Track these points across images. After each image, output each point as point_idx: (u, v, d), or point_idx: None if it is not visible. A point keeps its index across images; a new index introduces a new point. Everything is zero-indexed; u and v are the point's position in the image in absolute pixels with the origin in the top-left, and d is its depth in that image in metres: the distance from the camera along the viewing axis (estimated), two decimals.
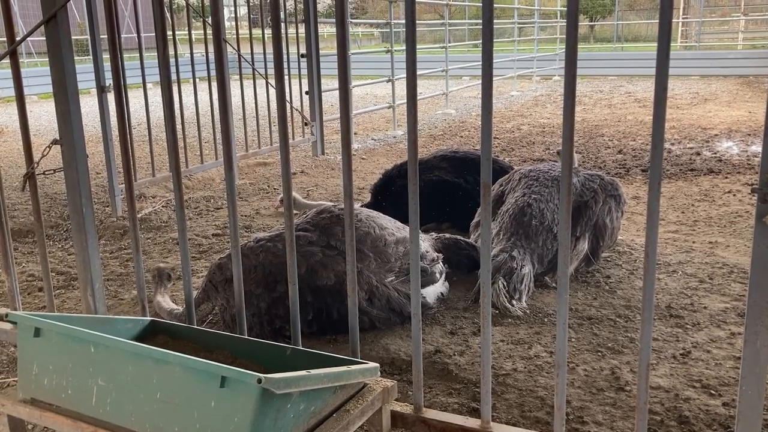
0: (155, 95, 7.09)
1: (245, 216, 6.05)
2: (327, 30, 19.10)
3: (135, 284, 4.03)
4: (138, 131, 9.09)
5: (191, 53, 6.98)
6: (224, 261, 3.54)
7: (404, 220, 4.02)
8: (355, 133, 10.34)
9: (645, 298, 2.00)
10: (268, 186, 7.32)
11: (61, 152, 2.84)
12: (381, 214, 3.88)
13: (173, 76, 6.69)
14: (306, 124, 8.62)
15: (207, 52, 7.24)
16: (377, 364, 2.26)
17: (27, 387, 2.19)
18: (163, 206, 6.30)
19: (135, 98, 7.37)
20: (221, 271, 3.51)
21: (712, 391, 2.90)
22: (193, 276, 4.55)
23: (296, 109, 8.37)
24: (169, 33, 6.65)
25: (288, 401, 1.90)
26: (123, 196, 6.08)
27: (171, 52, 6.78)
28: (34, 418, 2.17)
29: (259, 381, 1.75)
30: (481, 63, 2.07)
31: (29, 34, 2.68)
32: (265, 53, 7.85)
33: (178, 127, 7.09)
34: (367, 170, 8.02)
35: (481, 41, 2.05)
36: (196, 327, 2.70)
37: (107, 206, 6.34)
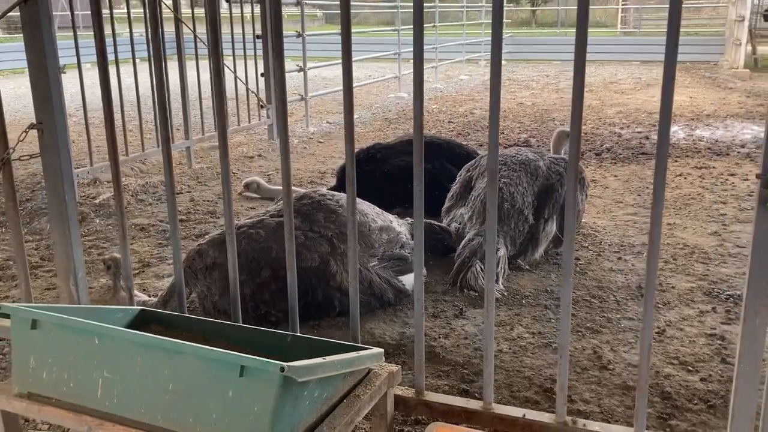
0: (93, 77, 6.83)
1: (208, 201, 5.94)
2: (293, 10, 18.72)
3: (99, 272, 3.90)
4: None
5: (179, 32, 6.77)
6: (204, 247, 3.48)
7: (370, 203, 4.03)
8: (304, 116, 10.22)
9: (648, 281, 2.06)
10: None
11: (39, 137, 2.73)
12: (360, 199, 3.87)
13: (117, 57, 6.51)
14: (262, 107, 8.50)
15: (163, 32, 7.02)
16: (382, 350, 2.27)
17: (23, 381, 2.11)
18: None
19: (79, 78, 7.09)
20: (201, 258, 3.45)
21: (690, 368, 3.03)
22: (162, 263, 4.46)
23: (252, 92, 8.25)
24: (133, 11, 6.44)
25: (305, 389, 1.89)
26: (80, 180, 5.89)
27: (108, 30, 6.57)
28: (31, 412, 2.10)
29: (282, 369, 1.74)
30: (490, 47, 2.08)
31: (8, 11, 2.56)
32: (231, 34, 7.71)
33: (141, 108, 6.87)
34: (326, 154, 7.97)
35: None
36: (188, 315, 2.65)
37: None
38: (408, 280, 3.74)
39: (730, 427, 2.07)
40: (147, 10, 2.45)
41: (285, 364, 1.75)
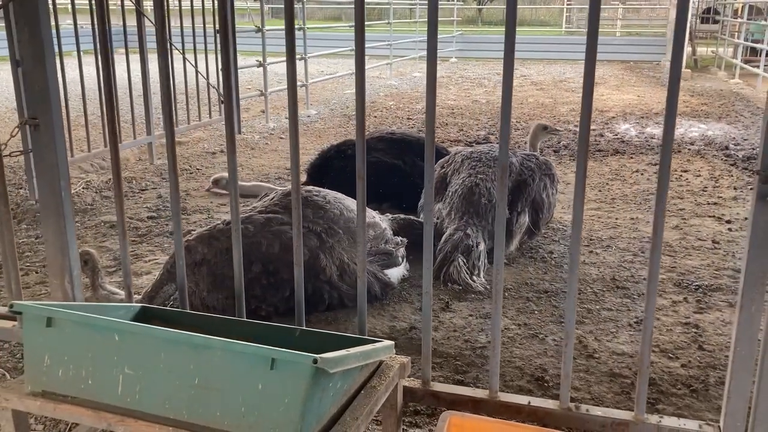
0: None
1: None
2: (241, 4, 18.48)
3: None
4: None
5: (141, 26, 6.62)
6: (192, 243, 3.46)
7: None
8: (261, 112, 10.13)
9: (651, 272, 2.18)
10: (190, 166, 7.11)
11: (32, 132, 2.68)
12: (343, 195, 3.90)
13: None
14: (222, 102, 8.40)
15: (125, 25, 6.89)
16: (392, 342, 2.32)
17: (37, 379, 2.08)
18: (83, 188, 5.99)
19: None
20: (189, 254, 3.43)
21: (670, 355, 3.18)
22: (139, 260, 4.40)
23: (212, 86, 8.15)
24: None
25: (331, 380, 1.93)
26: None
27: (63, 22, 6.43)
28: (46, 411, 2.07)
29: (315, 361, 1.77)
30: (504, 46, 2.16)
31: (5, 4, 2.50)
32: (187, 27, 7.61)
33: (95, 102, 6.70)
34: (288, 150, 7.94)
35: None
36: (190, 312, 2.65)
37: (20, 188, 5.96)
38: (393, 274, 3.81)
39: (725, 408, 2.20)
40: (154, 6, 2.44)
41: (317, 356, 1.79)
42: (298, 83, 10.85)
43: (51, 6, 5.76)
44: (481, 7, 34.95)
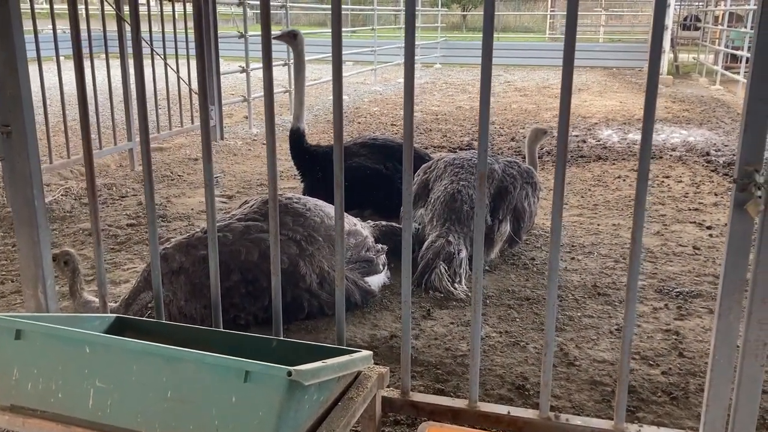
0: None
1: (156, 204, 5.79)
2: (224, 9, 18.36)
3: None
4: None
5: (121, 30, 6.56)
6: (169, 251, 3.42)
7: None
8: (245, 117, 10.09)
9: (630, 279, 2.17)
10: (171, 172, 7.04)
11: (4, 139, 2.63)
12: (324, 202, 3.87)
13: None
14: None
15: (105, 30, 6.82)
16: (371, 352, 2.30)
17: (5, 393, 2.03)
18: (62, 195, 5.92)
19: None
20: (166, 263, 3.38)
21: (651, 362, 3.17)
22: (117, 269, 4.35)
23: (194, 92, 8.09)
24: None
25: (306, 392, 1.90)
26: None
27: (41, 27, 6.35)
28: (15, 425, 2.02)
29: (290, 374, 1.74)
30: (481, 55, 2.14)
31: None
32: (169, 32, 7.55)
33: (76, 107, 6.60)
34: None
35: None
36: (165, 322, 2.61)
37: None
38: (374, 281, 3.78)
39: (704, 417, 2.19)
40: (130, 9, 2.41)
41: (292, 368, 1.76)
42: (282, 89, 10.83)
43: (30, 11, 5.70)
44: (465, 13, 35.07)
